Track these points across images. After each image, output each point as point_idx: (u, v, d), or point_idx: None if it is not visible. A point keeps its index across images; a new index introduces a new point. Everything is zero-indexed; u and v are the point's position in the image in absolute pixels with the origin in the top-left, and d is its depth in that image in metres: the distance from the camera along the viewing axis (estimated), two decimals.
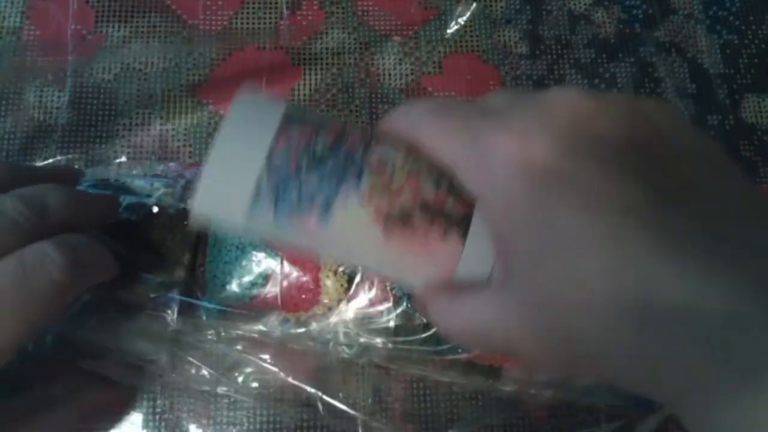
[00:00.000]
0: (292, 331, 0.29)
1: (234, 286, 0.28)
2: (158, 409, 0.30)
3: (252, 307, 0.28)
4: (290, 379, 0.30)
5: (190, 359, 0.29)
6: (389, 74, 0.37)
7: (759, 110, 0.37)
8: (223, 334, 0.29)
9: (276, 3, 0.38)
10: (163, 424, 0.30)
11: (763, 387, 0.13)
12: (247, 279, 0.28)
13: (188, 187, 0.29)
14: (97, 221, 0.26)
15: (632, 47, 0.38)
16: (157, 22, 0.37)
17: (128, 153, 0.34)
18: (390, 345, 0.30)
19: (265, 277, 0.28)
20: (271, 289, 0.28)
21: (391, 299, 0.28)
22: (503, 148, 0.17)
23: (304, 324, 0.29)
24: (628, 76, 0.37)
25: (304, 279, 0.28)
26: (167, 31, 0.37)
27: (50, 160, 0.34)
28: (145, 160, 0.34)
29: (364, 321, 0.29)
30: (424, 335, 0.30)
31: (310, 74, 0.36)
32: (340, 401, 0.31)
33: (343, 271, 0.28)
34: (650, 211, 0.15)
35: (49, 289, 0.21)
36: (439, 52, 0.37)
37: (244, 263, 0.28)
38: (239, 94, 0.20)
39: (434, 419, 0.31)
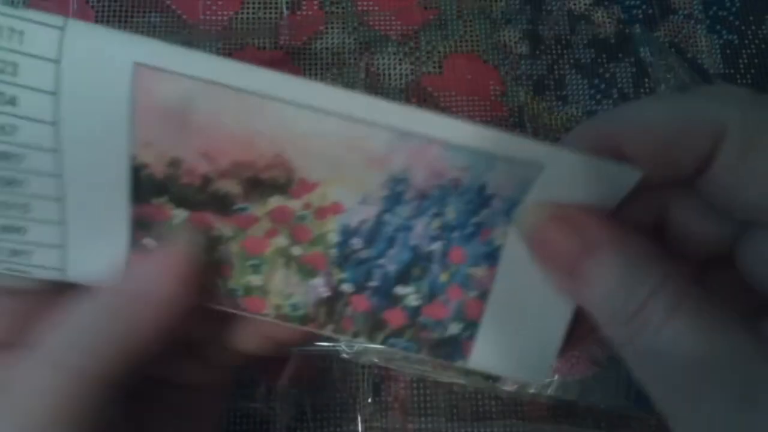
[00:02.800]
0: None
1: None
2: None
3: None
4: (290, 379, 0.31)
5: None
6: (389, 74, 0.37)
7: None
8: None
9: (276, 3, 0.38)
10: None
11: None
12: None
13: None
14: None
15: (632, 47, 0.38)
16: (157, 22, 0.37)
17: None
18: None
19: None
20: None
21: None
22: None
23: None
24: (628, 76, 0.37)
25: None
26: (167, 31, 0.37)
27: None
28: None
29: None
30: None
31: (309, 74, 0.36)
32: (341, 401, 0.31)
33: None
34: None
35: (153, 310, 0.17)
36: (439, 52, 0.37)
37: None
38: None
39: (434, 419, 0.31)
